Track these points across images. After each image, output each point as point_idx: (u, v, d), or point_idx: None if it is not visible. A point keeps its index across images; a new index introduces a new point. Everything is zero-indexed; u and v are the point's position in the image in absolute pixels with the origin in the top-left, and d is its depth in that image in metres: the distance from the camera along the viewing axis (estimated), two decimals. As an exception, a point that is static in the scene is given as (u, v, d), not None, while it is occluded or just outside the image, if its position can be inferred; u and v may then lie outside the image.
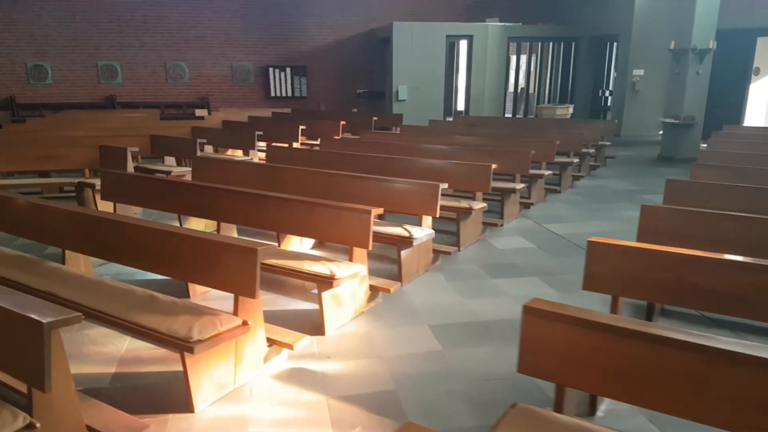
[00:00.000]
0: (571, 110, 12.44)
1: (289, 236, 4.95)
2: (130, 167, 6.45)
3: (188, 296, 4.18)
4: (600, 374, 1.98)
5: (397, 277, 4.47)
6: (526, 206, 6.82)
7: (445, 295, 4.31)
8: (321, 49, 15.27)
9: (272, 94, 15.19)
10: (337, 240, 4.02)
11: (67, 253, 4.19)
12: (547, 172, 6.90)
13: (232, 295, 2.99)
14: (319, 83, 15.45)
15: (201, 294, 4.27)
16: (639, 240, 3.59)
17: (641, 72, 12.89)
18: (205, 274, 3.11)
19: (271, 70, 15.02)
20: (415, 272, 4.64)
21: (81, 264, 4.27)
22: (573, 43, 14.78)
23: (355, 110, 15.05)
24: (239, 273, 2.91)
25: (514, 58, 14.97)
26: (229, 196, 4.41)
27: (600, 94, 14.51)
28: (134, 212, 6.66)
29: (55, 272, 3.57)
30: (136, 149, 6.60)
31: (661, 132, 13.22)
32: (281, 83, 15.20)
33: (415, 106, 13.35)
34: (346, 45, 15.36)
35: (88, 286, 3.31)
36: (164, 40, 14.25)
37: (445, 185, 4.61)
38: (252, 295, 2.88)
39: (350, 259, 3.92)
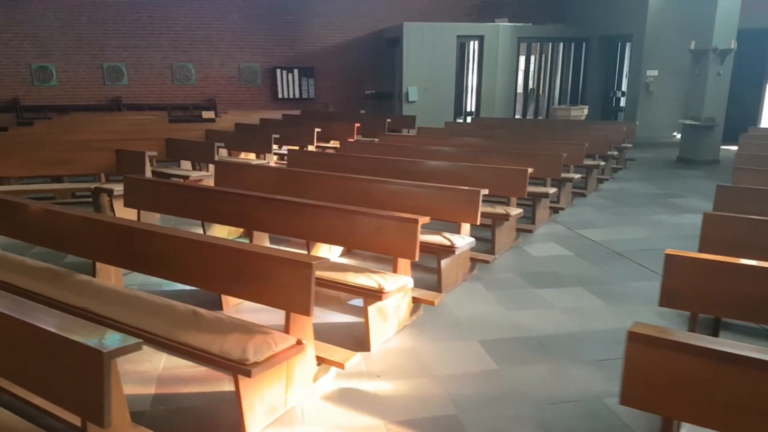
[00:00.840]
0: (585, 111, 12.27)
1: (318, 244, 4.76)
2: (148, 172, 6.26)
3: (221, 308, 4.00)
4: (717, 407, 1.80)
5: (436, 287, 4.29)
6: (555, 211, 6.64)
7: (488, 307, 4.13)
8: (328, 49, 15.07)
9: (279, 96, 14.98)
10: (379, 250, 3.82)
11: (98, 264, 3.98)
12: (577, 176, 6.72)
13: (266, 307, 2.80)
14: (326, 84, 15.25)
15: (234, 306, 4.08)
16: (701, 250, 3.41)
17: (655, 73, 12.74)
18: (251, 289, 2.91)
19: (278, 71, 14.82)
20: (454, 282, 4.46)
21: (112, 276, 4.08)
22: (583, 44, 14.62)
23: (363, 111, 14.89)
24: (292, 288, 2.71)
25: (522, 59, 14.78)
26: (260, 203, 4.21)
27: (611, 95, 14.35)
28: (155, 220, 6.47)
29: (86, 285, 3.37)
30: (155, 153, 6.41)
31: (675, 133, 13.10)
32: (289, 84, 14.99)
33: (426, 107, 13.18)
34: (354, 46, 15.17)
35: (124, 301, 3.12)
36: (170, 40, 14.03)
37: (485, 191, 4.42)
38: (306, 312, 2.69)
39: (394, 270, 3.73)
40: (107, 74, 13.80)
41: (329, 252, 4.98)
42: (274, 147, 8.20)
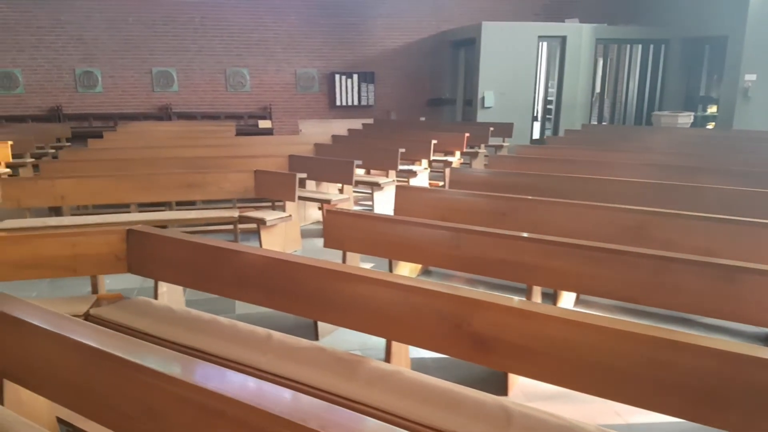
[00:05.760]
0: (691, 119, 11.37)
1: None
2: (296, 197, 5.23)
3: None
4: None
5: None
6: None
7: None
8: (389, 53, 14.07)
9: (337, 103, 13.96)
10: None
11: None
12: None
13: None
14: (385, 90, 14.25)
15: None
16: None
17: (753, 77, 11.88)
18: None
19: (337, 76, 13.79)
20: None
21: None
22: (662, 46, 13.75)
23: (422, 119, 13.93)
24: None
25: (601, 62, 13.90)
26: (553, 249, 3.15)
27: (695, 101, 13.48)
28: (293, 250, 5.49)
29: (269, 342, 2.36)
30: (304, 175, 5.38)
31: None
32: (347, 91, 13.97)
33: (501, 114, 12.20)
34: (415, 48, 14.18)
35: (314, 358, 2.16)
36: (224, 44, 12.97)
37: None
38: None
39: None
40: (156, 80, 12.70)
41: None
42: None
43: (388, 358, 2.62)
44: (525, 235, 3.12)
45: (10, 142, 7.64)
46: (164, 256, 3.21)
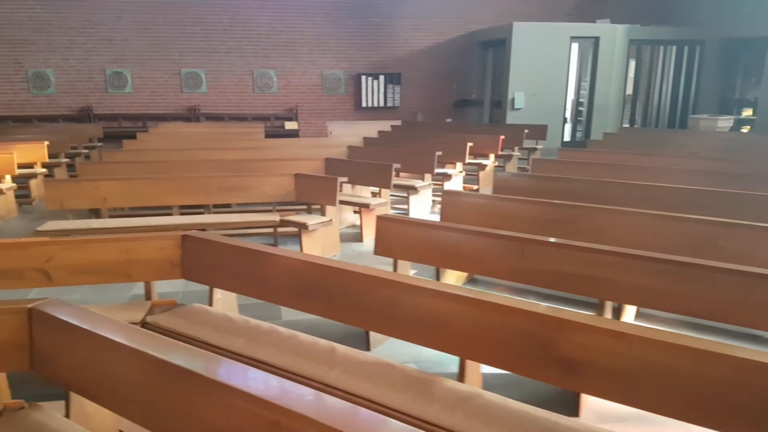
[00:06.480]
0: (731, 122, 11.08)
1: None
2: (337, 201, 5.14)
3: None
4: None
5: None
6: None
7: None
8: (415, 54, 13.95)
9: (363, 105, 13.87)
10: None
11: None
12: None
13: None
14: (411, 92, 14.12)
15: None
16: None
17: (795, 79, 11.55)
18: None
19: (363, 78, 13.70)
20: None
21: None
22: (697, 47, 13.45)
23: (449, 120, 13.78)
24: None
25: (632, 63, 13.64)
26: (631, 262, 2.96)
27: (731, 103, 13.16)
28: (332, 255, 5.40)
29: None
30: (345, 179, 5.28)
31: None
32: (373, 92, 13.88)
33: (531, 116, 12.00)
34: (442, 49, 14.04)
35: (385, 376, 2.04)
36: (252, 45, 12.95)
37: None
38: None
39: None
40: (185, 81, 12.73)
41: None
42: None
43: (461, 378, 2.51)
44: (601, 247, 2.98)
45: (46, 143, 7.66)
46: (219, 263, 3.13)
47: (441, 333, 2.43)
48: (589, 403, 2.93)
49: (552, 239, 3.14)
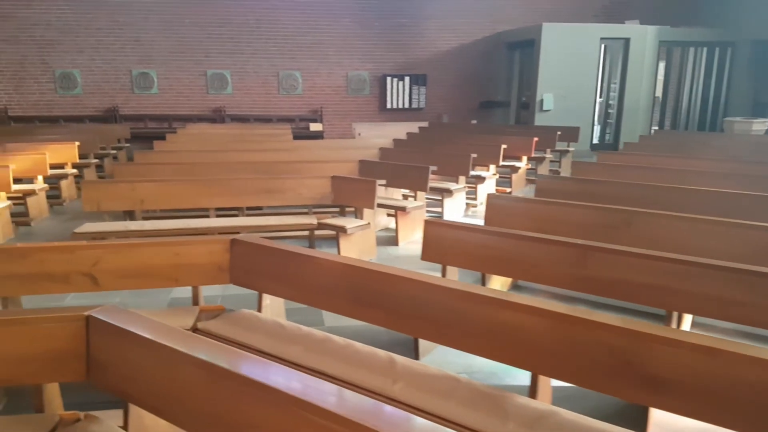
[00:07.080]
0: (766, 125, 10.80)
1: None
2: (375, 204, 5.03)
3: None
4: None
5: None
6: None
7: None
8: (441, 55, 13.81)
9: (388, 106, 13.77)
10: None
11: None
12: None
13: None
14: (437, 93, 13.98)
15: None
16: None
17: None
18: None
19: (388, 79, 13.60)
20: None
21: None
22: (728, 49, 13.14)
23: (474, 122, 13.61)
24: None
25: (661, 65, 13.37)
26: (703, 272, 2.80)
27: (763, 106, 12.81)
28: (369, 258, 5.29)
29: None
30: (383, 182, 5.18)
31: None
32: (398, 93, 13.77)
33: (560, 117, 11.78)
34: (468, 50, 13.89)
35: (451, 390, 1.90)
36: (278, 46, 12.91)
37: None
38: None
39: None
40: (210, 82, 12.73)
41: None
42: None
43: (533, 393, 2.38)
44: (670, 255, 2.84)
45: (77, 143, 7.66)
46: (268, 267, 3.04)
47: (512, 346, 2.31)
48: (656, 416, 2.78)
49: (615, 246, 2.99)
